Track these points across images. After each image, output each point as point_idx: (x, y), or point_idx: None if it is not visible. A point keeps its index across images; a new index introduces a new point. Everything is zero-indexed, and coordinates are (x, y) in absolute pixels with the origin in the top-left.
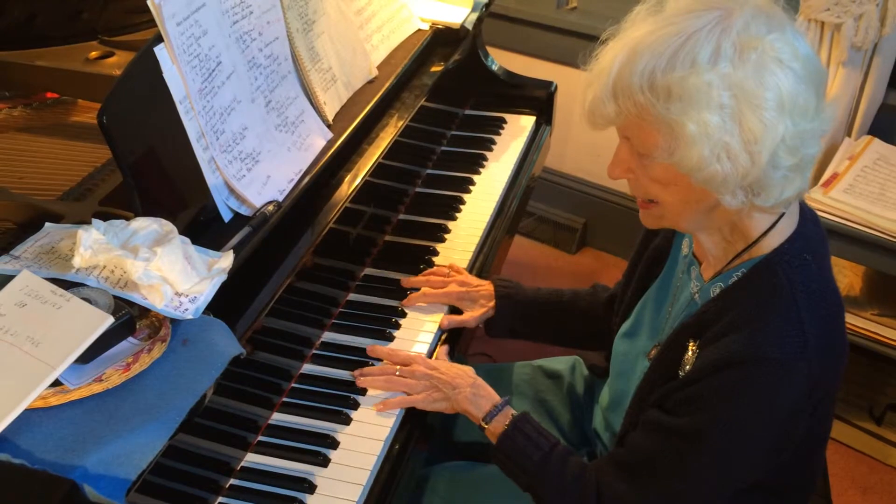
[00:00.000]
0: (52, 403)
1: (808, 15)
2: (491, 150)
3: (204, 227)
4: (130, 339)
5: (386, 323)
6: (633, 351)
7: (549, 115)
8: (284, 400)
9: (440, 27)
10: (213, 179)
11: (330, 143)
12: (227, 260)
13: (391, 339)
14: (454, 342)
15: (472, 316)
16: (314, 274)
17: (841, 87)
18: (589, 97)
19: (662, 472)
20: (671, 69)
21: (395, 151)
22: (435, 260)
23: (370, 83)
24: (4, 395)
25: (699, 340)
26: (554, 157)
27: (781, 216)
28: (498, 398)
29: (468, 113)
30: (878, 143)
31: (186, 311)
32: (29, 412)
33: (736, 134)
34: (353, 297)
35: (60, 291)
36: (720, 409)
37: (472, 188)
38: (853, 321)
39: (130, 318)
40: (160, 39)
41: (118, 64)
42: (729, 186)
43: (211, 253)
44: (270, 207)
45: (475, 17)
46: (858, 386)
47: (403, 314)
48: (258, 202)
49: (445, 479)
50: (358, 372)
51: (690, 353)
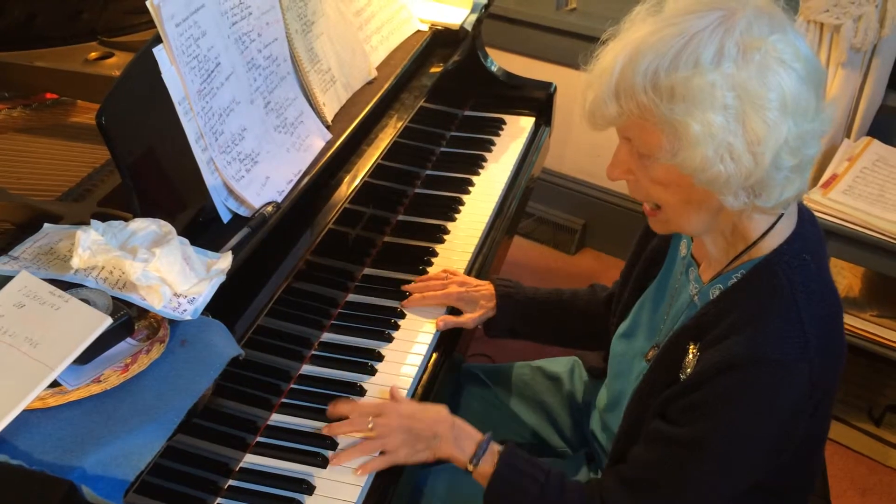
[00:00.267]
0: (50, 404)
1: (807, 16)
2: (490, 150)
3: (203, 227)
4: (129, 339)
5: (385, 324)
6: (630, 352)
7: (548, 116)
8: (283, 401)
9: (439, 28)
10: (211, 180)
11: (329, 143)
12: (225, 261)
13: (390, 339)
14: (452, 343)
15: (470, 317)
16: (313, 275)
17: (840, 88)
18: (590, 98)
19: (667, 483)
20: (674, 69)
21: (394, 152)
22: (434, 261)
23: (369, 84)
24: (3, 395)
25: (699, 343)
26: (553, 157)
27: (780, 217)
28: (480, 435)
29: (467, 114)
30: (877, 144)
31: (185, 311)
32: (27, 413)
33: (740, 134)
34: (352, 297)
35: (59, 292)
36: (722, 413)
37: (471, 189)
38: (852, 322)
39: (129, 318)
40: (159, 40)
41: (118, 65)
42: (731, 187)
43: (210, 254)
44: (269, 208)
45: (474, 18)
46: (857, 387)
47: (402, 315)
48: (257, 203)
49: (444, 481)
50: (326, 429)
51: (691, 355)
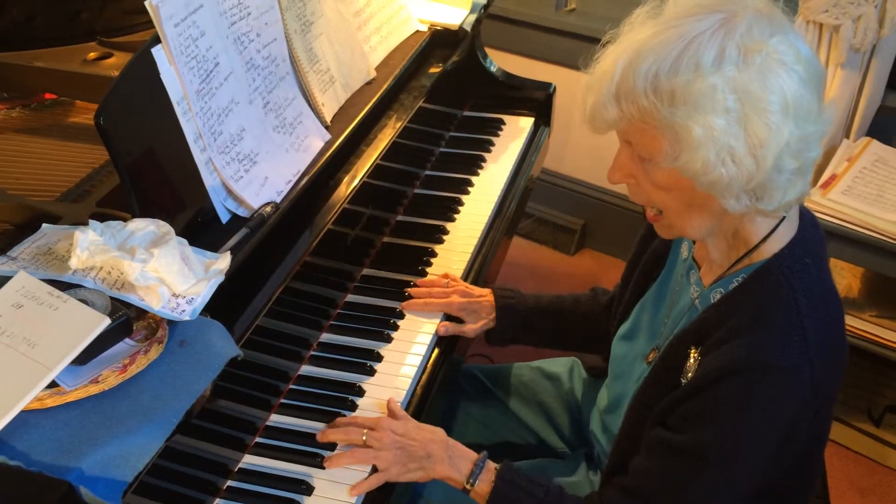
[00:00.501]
0: (48, 405)
1: (806, 16)
2: (489, 151)
3: (201, 228)
4: (127, 340)
5: (384, 324)
6: (631, 353)
7: (547, 116)
8: (282, 401)
9: (439, 28)
10: (210, 180)
11: (328, 144)
12: (224, 261)
13: (389, 340)
14: (451, 344)
15: (471, 328)
16: (312, 275)
17: (839, 88)
18: (590, 101)
19: (669, 492)
20: (675, 72)
21: (393, 153)
22: (433, 261)
23: (368, 84)
24: (1, 396)
25: (700, 347)
26: (553, 158)
27: (782, 220)
28: (474, 454)
29: (467, 114)
30: (876, 144)
31: (183, 312)
32: (25, 414)
33: (741, 138)
34: (351, 298)
35: (57, 293)
36: (725, 420)
37: (470, 189)
38: (852, 323)
39: (127, 319)
40: (158, 40)
41: (117, 65)
42: (733, 190)
43: (208, 254)
44: (268, 209)
45: (474, 18)
46: (857, 388)
47: (402, 315)
48: (256, 203)
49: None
50: (321, 435)
51: (692, 360)
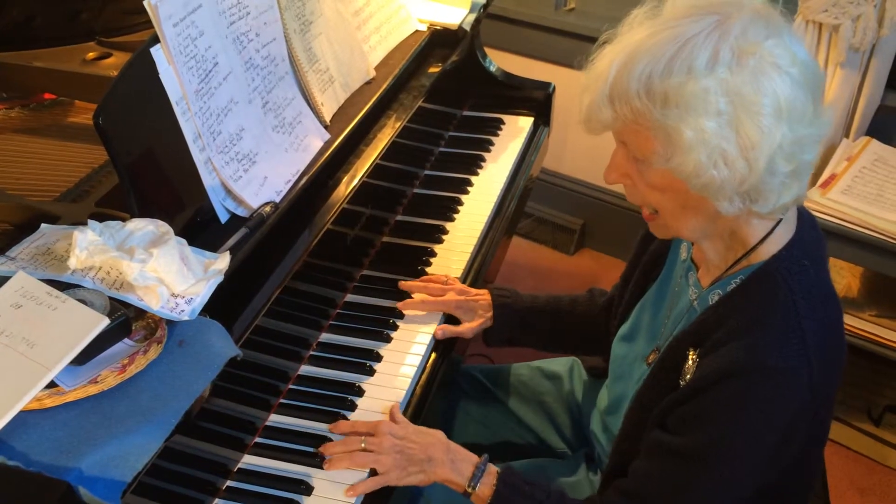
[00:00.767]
0: (47, 405)
1: (806, 16)
2: (489, 151)
3: (201, 228)
4: (126, 340)
5: (383, 324)
6: (631, 355)
7: (547, 116)
8: (282, 401)
9: (438, 28)
10: (209, 180)
11: (327, 143)
12: (223, 261)
13: (388, 339)
14: (450, 344)
15: (469, 327)
16: (311, 275)
17: (839, 88)
18: (585, 102)
19: (669, 494)
20: (668, 74)
21: (392, 152)
22: (433, 261)
23: (368, 84)
24: None
25: (699, 349)
26: (552, 158)
27: (779, 222)
28: (476, 457)
29: (466, 114)
30: (875, 144)
31: (182, 312)
32: (24, 414)
33: (733, 140)
34: (350, 298)
35: (56, 293)
36: (723, 422)
37: (469, 189)
38: (851, 322)
39: (126, 319)
40: (157, 40)
41: (116, 65)
42: (726, 193)
43: (207, 254)
44: (267, 208)
45: (473, 18)
46: (856, 387)
47: (401, 315)
48: (255, 203)
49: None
50: (323, 448)
51: (691, 361)
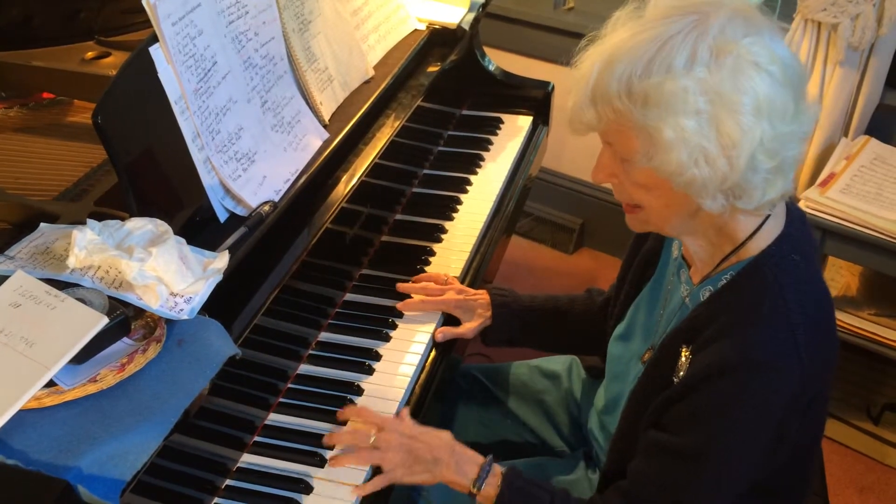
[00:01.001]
0: (46, 404)
1: (805, 15)
2: (488, 150)
3: (200, 227)
4: (125, 339)
5: (383, 323)
6: (626, 354)
7: (546, 115)
8: (281, 400)
9: (437, 27)
10: (208, 180)
11: (326, 143)
12: (222, 260)
13: (388, 339)
14: (449, 346)
15: (469, 328)
16: (310, 274)
17: (838, 86)
18: (570, 104)
19: (667, 493)
20: (648, 75)
21: (391, 152)
22: (432, 260)
23: (367, 83)
24: None
25: (692, 346)
26: (551, 157)
27: (767, 218)
28: (481, 458)
29: (465, 113)
30: (874, 142)
31: (182, 311)
32: (23, 413)
33: (713, 139)
34: (349, 297)
35: (55, 292)
36: (716, 420)
37: (468, 188)
38: (850, 321)
39: (125, 318)
40: (155, 39)
41: (115, 64)
42: (709, 191)
43: (206, 253)
44: (266, 208)
45: (472, 17)
46: (855, 385)
47: (400, 315)
48: (254, 202)
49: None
50: (327, 438)
51: (684, 358)
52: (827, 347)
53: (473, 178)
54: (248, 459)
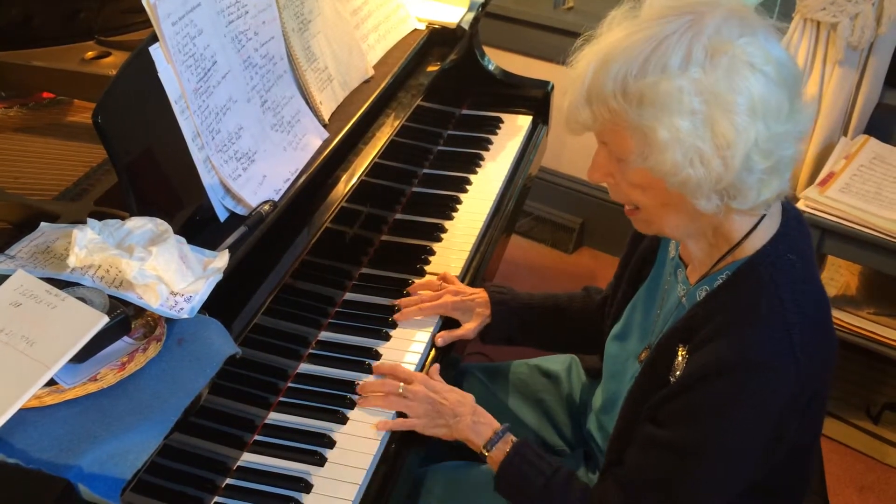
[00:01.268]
0: (46, 403)
1: (804, 14)
2: (487, 149)
3: (200, 226)
4: (125, 338)
5: (383, 322)
6: (623, 353)
7: (545, 114)
8: (281, 399)
9: (437, 27)
10: (208, 179)
11: (326, 142)
12: (222, 259)
13: (388, 338)
14: (448, 348)
15: (469, 328)
16: (310, 273)
17: (837, 86)
18: (566, 104)
19: (661, 486)
20: (643, 75)
21: (391, 151)
22: (432, 259)
23: (366, 83)
24: None
25: (688, 345)
26: (551, 156)
27: (763, 217)
28: (498, 424)
29: (465, 113)
30: (874, 142)
31: (182, 310)
32: (24, 411)
33: (708, 139)
34: (349, 296)
35: (55, 291)
36: (713, 418)
37: (468, 188)
38: (850, 320)
39: (125, 317)
40: (155, 39)
41: (115, 64)
42: (703, 191)
43: (206, 252)
44: (266, 207)
45: (471, 16)
46: (855, 385)
47: None
48: (254, 202)
49: (442, 479)
50: (361, 387)
51: (680, 358)
52: (824, 347)
53: (473, 177)
54: (248, 458)
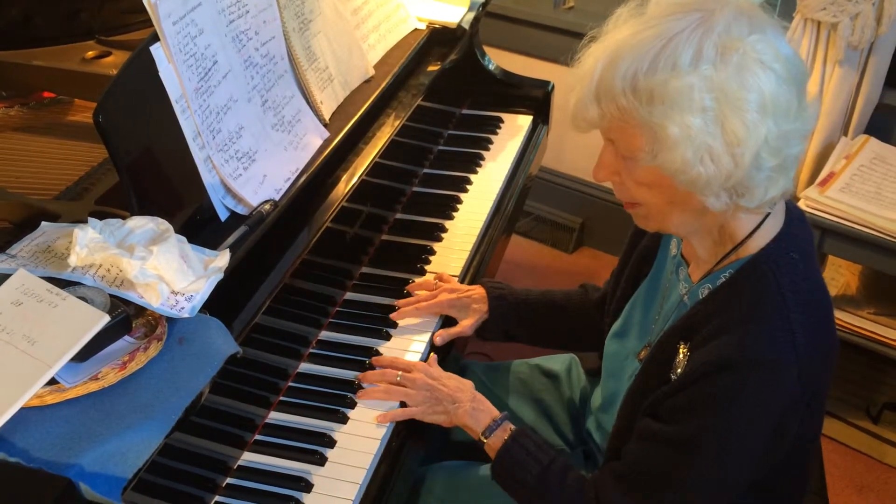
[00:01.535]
0: (48, 402)
1: (804, 14)
2: (488, 149)
3: (200, 225)
4: (126, 337)
5: (383, 322)
6: (623, 351)
7: (546, 114)
8: (281, 399)
9: (437, 27)
10: (209, 178)
11: (326, 142)
12: (223, 259)
13: (388, 337)
14: (448, 346)
15: (466, 325)
16: (311, 273)
17: (837, 86)
18: (572, 101)
19: (659, 482)
20: (653, 72)
21: (391, 151)
22: (432, 259)
23: (367, 82)
24: (0, 393)
25: (689, 343)
26: (551, 156)
27: (767, 216)
28: (497, 413)
29: (465, 112)
30: (874, 142)
31: (182, 309)
32: (25, 410)
33: (718, 136)
34: (350, 296)
35: (57, 290)
36: (713, 415)
37: (469, 188)
38: (850, 320)
39: (126, 316)
40: (156, 38)
41: (115, 63)
42: (713, 188)
43: (207, 252)
44: (267, 206)
45: (472, 16)
46: (855, 385)
47: None
48: (255, 201)
49: (442, 479)
50: (361, 376)
51: (681, 355)
52: (826, 346)
53: (473, 177)
54: (248, 457)
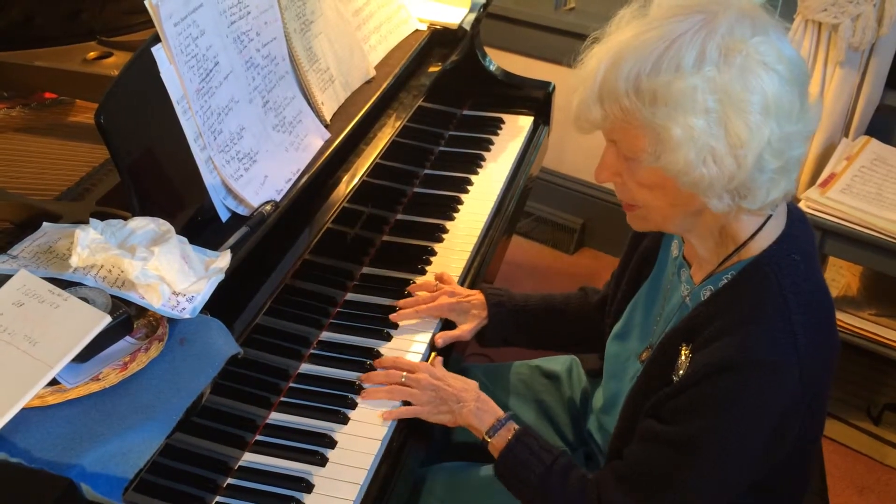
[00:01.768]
0: (49, 402)
1: (805, 15)
2: (489, 150)
3: (202, 226)
4: (128, 338)
5: (384, 322)
6: (624, 353)
7: (546, 115)
8: (282, 399)
9: (438, 28)
10: (210, 179)
11: (328, 143)
12: (224, 259)
13: (389, 338)
14: (448, 350)
15: (465, 329)
16: (312, 274)
17: (838, 87)
18: (575, 102)
19: (661, 482)
20: (656, 73)
21: (392, 151)
22: (433, 260)
23: (368, 83)
24: (2, 393)
25: (691, 344)
26: (552, 157)
27: (769, 218)
28: (501, 412)
29: (466, 113)
30: (875, 143)
31: (184, 310)
32: (26, 411)
33: (721, 138)
34: (351, 296)
35: (58, 291)
36: (715, 415)
37: (469, 188)
38: (850, 321)
39: (128, 317)
40: (158, 39)
41: (116, 64)
42: (715, 190)
43: (208, 252)
44: (268, 207)
45: (473, 17)
46: (856, 386)
47: None
48: (256, 202)
49: (443, 479)
50: (365, 376)
51: (683, 357)
52: (827, 347)
53: (474, 178)
54: (249, 458)
